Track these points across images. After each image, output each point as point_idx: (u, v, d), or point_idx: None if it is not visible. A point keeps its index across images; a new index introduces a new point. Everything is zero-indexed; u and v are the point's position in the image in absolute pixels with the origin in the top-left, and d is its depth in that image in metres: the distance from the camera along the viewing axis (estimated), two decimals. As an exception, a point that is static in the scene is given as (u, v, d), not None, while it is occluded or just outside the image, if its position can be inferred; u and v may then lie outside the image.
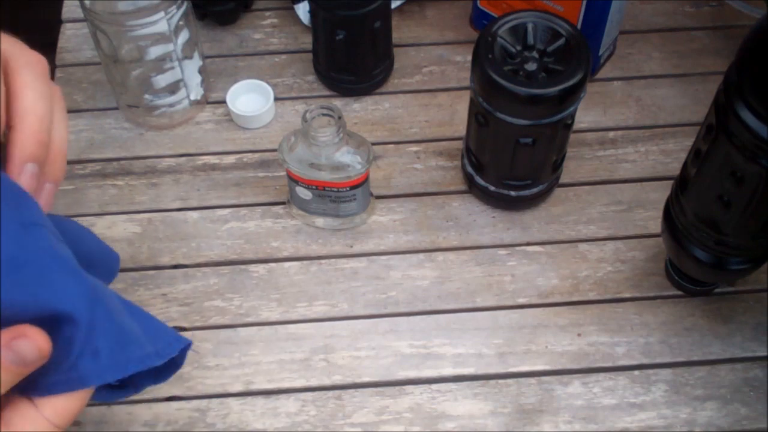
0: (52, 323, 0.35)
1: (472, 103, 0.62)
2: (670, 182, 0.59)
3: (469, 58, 0.61)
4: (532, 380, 0.60)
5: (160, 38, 0.66)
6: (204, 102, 0.74)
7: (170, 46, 0.67)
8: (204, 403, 0.60)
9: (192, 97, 0.73)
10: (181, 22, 0.67)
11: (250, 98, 0.74)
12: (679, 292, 0.64)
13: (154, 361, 0.39)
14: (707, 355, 0.62)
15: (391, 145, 0.72)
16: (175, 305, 0.64)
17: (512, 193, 0.66)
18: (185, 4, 0.67)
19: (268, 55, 0.78)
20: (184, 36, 0.68)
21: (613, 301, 0.64)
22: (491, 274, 0.65)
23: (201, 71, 0.72)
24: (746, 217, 0.52)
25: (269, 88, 0.73)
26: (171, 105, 0.72)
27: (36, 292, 0.34)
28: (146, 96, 0.71)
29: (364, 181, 0.64)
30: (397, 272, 0.65)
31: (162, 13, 0.64)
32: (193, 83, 0.72)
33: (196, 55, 0.71)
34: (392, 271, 0.65)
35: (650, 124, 0.74)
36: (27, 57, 0.40)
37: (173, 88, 0.71)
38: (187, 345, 0.41)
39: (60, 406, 0.38)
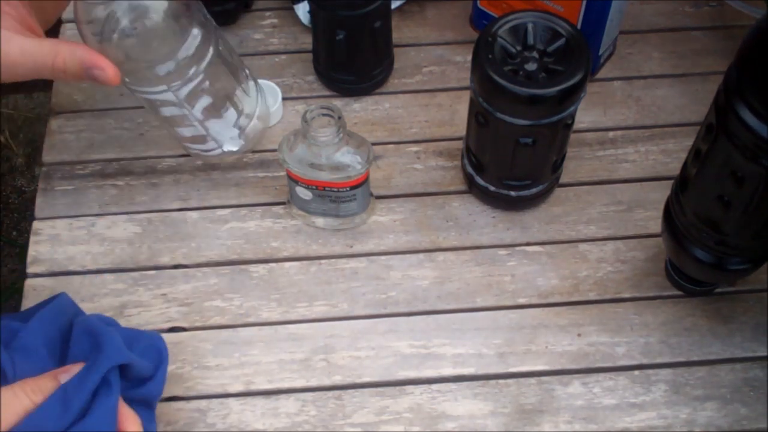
0: None
1: (472, 103, 0.62)
2: (670, 182, 0.59)
3: (469, 58, 0.61)
4: (532, 380, 0.60)
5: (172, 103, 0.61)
6: (250, 151, 0.68)
7: (185, 110, 0.62)
8: (204, 403, 0.60)
9: (226, 149, 0.66)
10: (200, 89, 0.61)
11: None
12: (679, 292, 0.64)
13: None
14: (707, 355, 0.62)
15: (391, 145, 0.72)
16: (175, 305, 0.64)
17: (512, 193, 0.66)
18: (200, 76, 0.60)
19: (268, 55, 0.78)
20: (204, 101, 0.62)
21: (613, 301, 0.64)
22: (491, 274, 0.65)
23: (241, 124, 0.65)
24: (746, 217, 0.52)
25: (277, 88, 0.73)
26: (205, 151, 0.67)
27: None
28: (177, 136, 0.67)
29: (364, 181, 0.64)
30: (397, 272, 0.65)
31: (164, 86, 0.59)
32: (226, 137, 0.66)
33: (229, 112, 0.64)
34: (392, 271, 0.65)
35: (650, 124, 0.74)
36: None
37: (199, 140, 0.66)
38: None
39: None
